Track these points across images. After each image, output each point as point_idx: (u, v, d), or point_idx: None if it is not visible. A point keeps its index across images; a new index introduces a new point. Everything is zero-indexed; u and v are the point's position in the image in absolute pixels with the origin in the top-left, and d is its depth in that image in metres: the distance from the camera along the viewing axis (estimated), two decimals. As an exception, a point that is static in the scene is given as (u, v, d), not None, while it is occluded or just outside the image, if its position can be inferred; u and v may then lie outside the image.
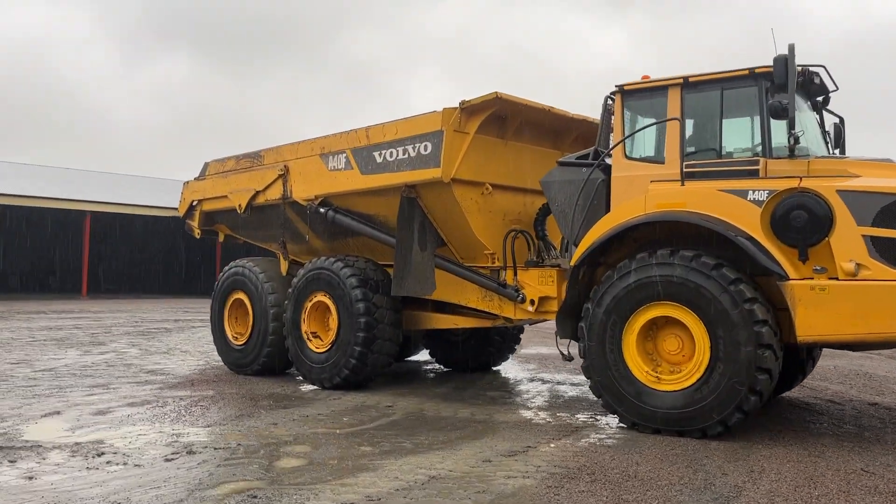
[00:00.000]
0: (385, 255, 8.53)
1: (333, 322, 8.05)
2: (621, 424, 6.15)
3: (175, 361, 10.19)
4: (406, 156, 7.52)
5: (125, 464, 4.82)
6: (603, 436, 5.85)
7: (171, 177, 35.01)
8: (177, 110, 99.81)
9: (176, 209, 10.97)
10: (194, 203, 10.31)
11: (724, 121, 6.32)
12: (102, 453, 5.06)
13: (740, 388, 5.49)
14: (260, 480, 4.47)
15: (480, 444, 5.50)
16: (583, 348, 6.29)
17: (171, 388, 7.91)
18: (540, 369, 10.05)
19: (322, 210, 8.50)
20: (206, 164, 10.34)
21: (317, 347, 8.20)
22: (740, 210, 5.79)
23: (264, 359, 8.82)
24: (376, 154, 7.83)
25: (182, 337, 13.75)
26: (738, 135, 6.46)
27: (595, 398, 6.45)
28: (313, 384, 8.17)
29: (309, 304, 8.30)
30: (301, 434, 5.77)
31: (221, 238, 10.53)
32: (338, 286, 7.97)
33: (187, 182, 10.52)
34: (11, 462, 4.83)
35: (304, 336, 8.31)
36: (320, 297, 8.20)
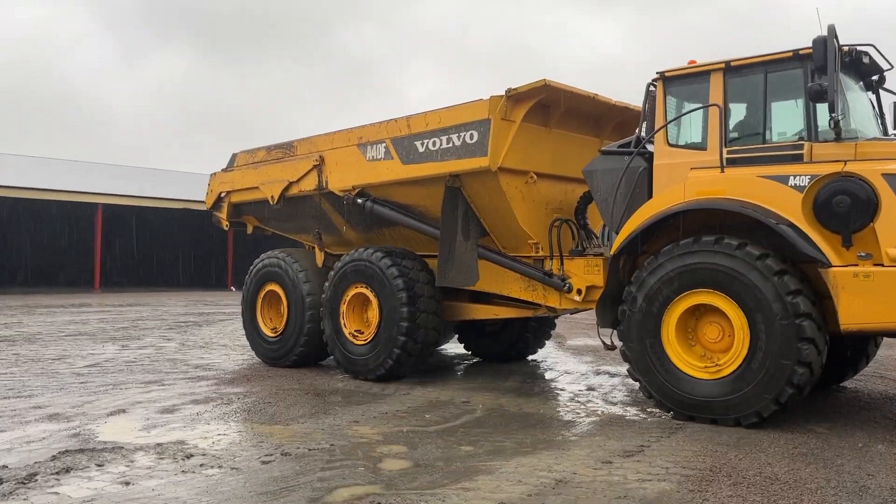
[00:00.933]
0: (421, 245, 9.32)
1: (374, 314, 8.84)
2: (671, 416, 6.84)
3: (218, 356, 10.98)
4: (450, 145, 8.20)
5: (220, 467, 5.00)
6: (710, 433, 6.13)
7: (176, 168, 36.57)
8: (174, 104, 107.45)
9: (188, 201, 12.03)
10: (222, 195, 11.18)
11: (768, 105, 6.92)
12: (191, 455, 5.29)
13: (786, 363, 6.09)
14: (373, 485, 4.64)
15: (588, 444, 5.76)
16: (622, 337, 6.98)
17: (227, 385, 8.48)
18: (599, 362, 10.68)
19: (360, 201, 9.28)
20: (234, 156, 11.19)
21: (358, 340, 9.00)
22: (781, 196, 6.39)
23: (301, 349, 9.67)
24: (418, 143, 8.54)
25: (214, 331, 14.73)
26: (783, 119, 7.05)
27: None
28: (356, 377, 8.97)
29: (348, 297, 9.11)
30: (389, 433, 6.05)
31: (250, 230, 11.40)
32: (378, 277, 8.75)
33: (214, 173, 11.40)
34: (100, 466, 5.05)
35: (344, 329, 9.13)
36: (360, 289, 8.99)
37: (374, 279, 8.82)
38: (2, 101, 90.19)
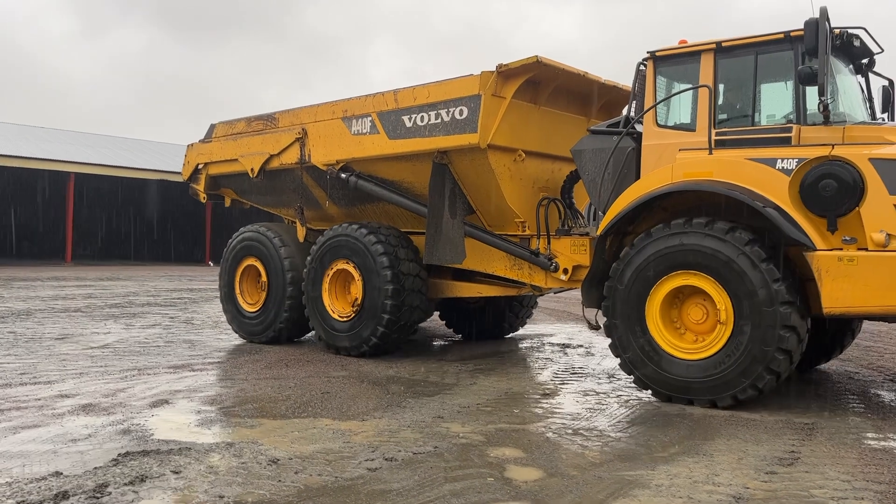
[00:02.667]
0: (405, 222, 9.38)
1: (358, 290, 8.88)
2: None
3: (234, 336, 10.44)
4: (439, 120, 8.24)
5: (319, 475, 4.46)
6: (854, 434, 5.76)
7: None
8: (135, 77, 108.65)
9: (165, 172, 11.92)
10: (200, 166, 11.13)
11: (758, 87, 7.01)
12: (276, 460, 4.71)
13: (767, 349, 6.24)
14: (521, 502, 4.15)
15: (729, 448, 5.29)
16: (608, 324, 7.09)
17: (266, 370, 8.00)
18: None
19: (344, 176, 9.29)
20: (213, 126, 11.11)
21: (340, 316, 9.05)
22: (768, 179, 6.50)
23: (282, 324, 9.71)
24: (405, 118, 8.55)
25: (215, 308, 14.26)
26: (773, 102, 7.16)
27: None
28: (338, 353, 9.04)
29: (331, 273, 9.14)
30: (488, 432, 5.55)
31: (228, 203, 11.38)
32: (362, 254, 8.79)
33: (192, 144, 11.32)
34: (177, 473, 4.45)
35: (327, 305, 9.16)
36: (343, 266, 9.03)
37: (358, 255, 8.85)
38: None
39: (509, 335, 11.14)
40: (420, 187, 8.74)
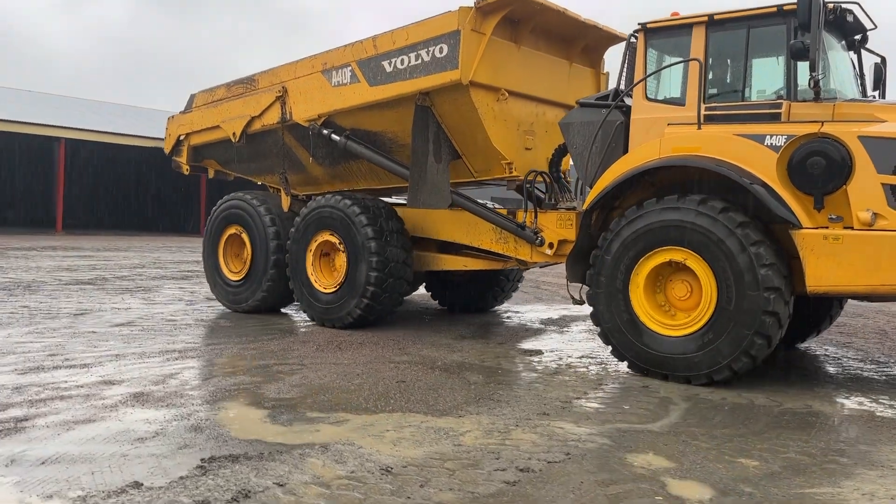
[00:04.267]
0: (391, 178, 9.33)
1: (341, 262, 8.83)
2: (629, 371, 6.97)
3: (270, 315, 9.86)
4: (419, 61, 8.14)
5: (451, 489, 3.90)
6: None
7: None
8: (116, 46, 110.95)
9: (159, 139, 11.69)
10: (181, 137, 11.02)
11: (749, 62, 6.91)
12: (388, 469, 4.16)
13: (746, 332, 6.24)
14: None
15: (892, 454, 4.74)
16: (591, 293, 7.06)
17: (321, 353, 7.45)
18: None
19: (326, 132, 9.17)
20: (193, 97, 10.99)
21: (324, 288, 8.99)
22: (756, 155, 6.44)
23: (263, 293, 9.67)
24: (385, 63, 8.45)
25: None
26: (764, 77, 7.06)
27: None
28: (322, 325, 8.99)
29: (314, 244, 9.07)
30: (611, 434, 4.98)
31: (211, 174, 11.27)
32: (346, 225, 8.71)
33: (172, 116, 11.23)
34: (282, 485, 3.87)
35: (311, 276, 9.10)
36: (327, 237, 8.96)
37: (341, 227, 8.78)
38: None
39: (493, 308, 11.12)
40: (404, 137, 8.64)
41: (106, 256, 19.21)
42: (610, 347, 7.05)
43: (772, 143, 6.43)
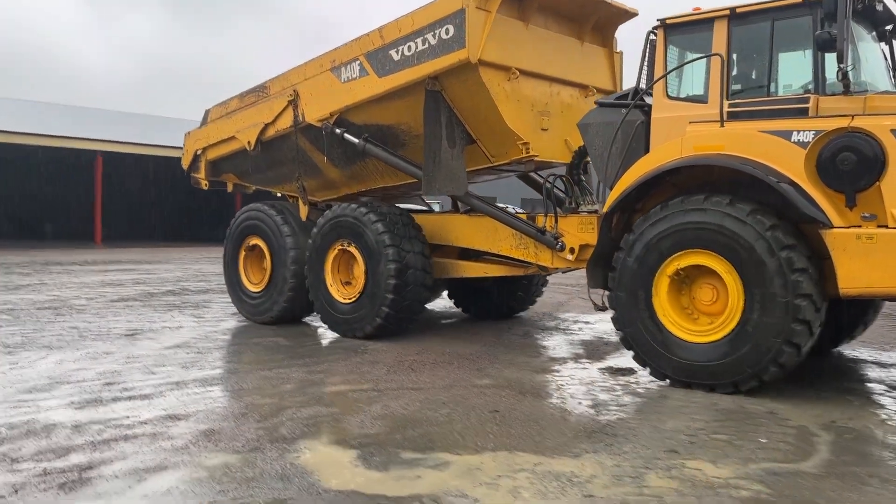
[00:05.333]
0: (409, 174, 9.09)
1: (360, 270, 8.66)
2: (652, 378, 6.67)
3: (329, 333, 9.18)
4: (426, 45, 7.97)
5: None
6: None
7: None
8: (147, 61, 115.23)
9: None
10: (198, 152, 10.99)
11: (774, 55, 6.59)
12: None
13: (775, 340, 5.92)
14: None
15: None
16: (613, 296, 6.78)
17: (395, 375, 6.88)
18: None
19: (338, 131, 9.02)
20: (207, 112, 11.00)
21: (344, 298, 8.83)
22: (783, 152, 6.11)
23: (285, 304, 9.53)
24: (393, 52, 8.29)
25: None
26: (790, 71, 6.73)
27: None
28: (343, 335, 8.81)
29: (332, 253, 8.92)
30: (762, 478, 4.31)
31: (230, 188, 11.20)
32: (363, 233, 8.54)
33: (189, 132, 11.23)
34: None
35: (329, 286, 8.95)
36: (345, 246, 8.80)
37: (359, 235, 8.61)
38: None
39: (517, 314, 10.86)
40: (418, 127, 8.43)
41: (147, 269, 19.09)
42: (633, 353, 6.76)
43: (799, 140, 6.11)
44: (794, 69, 6.70)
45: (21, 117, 30.28)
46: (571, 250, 7.84)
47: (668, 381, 6.48)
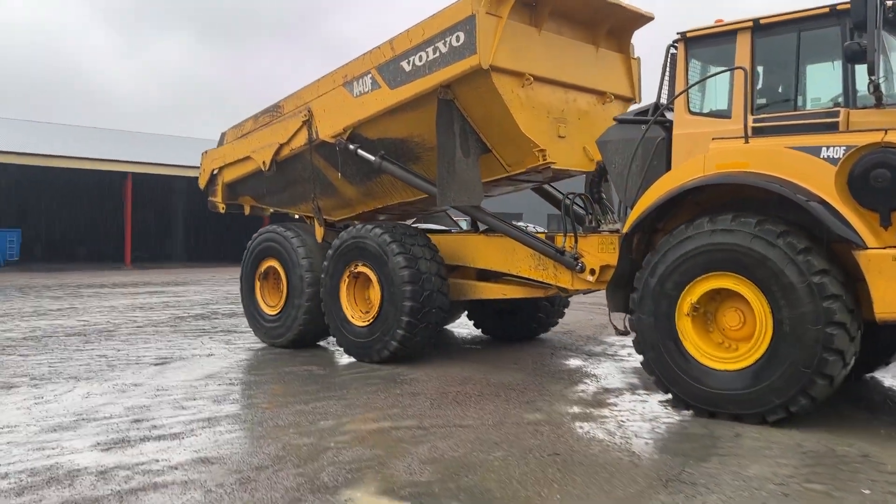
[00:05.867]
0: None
1: (375, 293, 8.45)
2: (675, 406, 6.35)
3: (363, 364, 8.58)
4: (437, 54, 7.81)
5: None
6: None
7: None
8: (176, 85, 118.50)
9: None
10: (215, 172, 10.90)
11: (801, 68, 6.30)
12: None
13: (805, 371, 5.57)
14: None
15: None
16: (634, 322, 6.48)
17: (440, 410, 6.38)
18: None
19: (352, 146, 8.88)
20: (223, 134, 10.96)
21: (359, 321, 8.63)
22: (811, 169, 5.80)
23: (301, 327, 9.34)
24: (404, 63, 8.14)
25: None
26: (818, 84, 6.43)
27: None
28: (360, 360, 8.58)
29: (347, 275, 8.73)
30: None
31: (247, 210, 11.06)
32: (378, 254, 8.35)
33: (206, 151, 11.17)
34: None
35: (345, 309, 8.76)
36: (360, 268, 8.61)
37: (374, 257, 8.42)
38: (15, 83, 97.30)
39: (538, 336, 10.57)
40: (431, 139, 8.25)
41: (176, 292, 18.97)
42: (654, 378, 6.45)
43: (829, 156, 5.79)
44: (822, 82, 6.41)
45: (51, 140, 30.71)
46: (592, 271, 7.56)
47: (690, 409, 6.16)
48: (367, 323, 8.52)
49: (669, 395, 6.39)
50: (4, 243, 28.33)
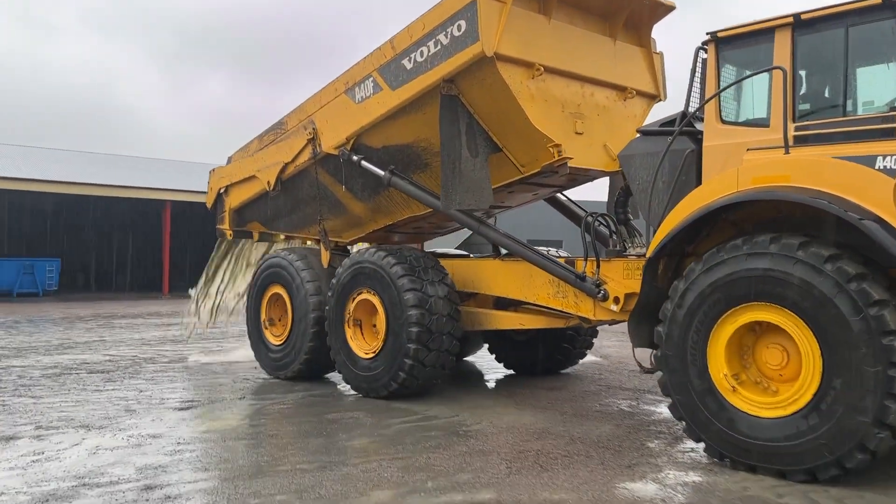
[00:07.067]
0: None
1: (381, 322, 7.80)
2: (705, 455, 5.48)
3: (423, 408, 7.55)
4: (439, 47, 7.25)
5: None
6: None
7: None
8: (215, 121, 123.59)
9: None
10: (222, 192, 10.44)
11: (850, 68, 5.48)
12: None
13: (863, 421, 4.70)
14: None
15: None
16: (660, 358, 5.67)
17: (521, 477, 5.19)
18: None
19: (356, 158, 8.34)
20: (230, 158, 10.56)
21: (365, 353, 7.99)
22: (864, 182, 4.97)
23: (306, 356, 8.72)
24: (405, 61, 7.60)
25: None
26: (870, 85, 5.60)
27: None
28: (367, 395, 7.90)
29: (353, 304, 8.10)
30: None
31: (256, 238, 10.54)
32: (382, 279, 7.71)
33: (213, 169, 10.73)
34: None
35: (350, 339, 8.12)
36: (365, 295, 7.97)
37: (378, 283, 7.76)
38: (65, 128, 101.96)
39: (564, 370, 9.73)
40: (438, 143, 7.60)
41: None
42: (683, 424, 5.60)
43: (885, 167, 4.97)
44: (875, 83, 5.57)
45: (90, 169, 30.80)
46: (616, 300, 6.75)
47: (726, 460, 5.29)
48: (373, 354, 7.85)
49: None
50: (44, 273, 28.40)
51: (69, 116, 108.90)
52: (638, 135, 6.78)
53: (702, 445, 5.51)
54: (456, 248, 10.84)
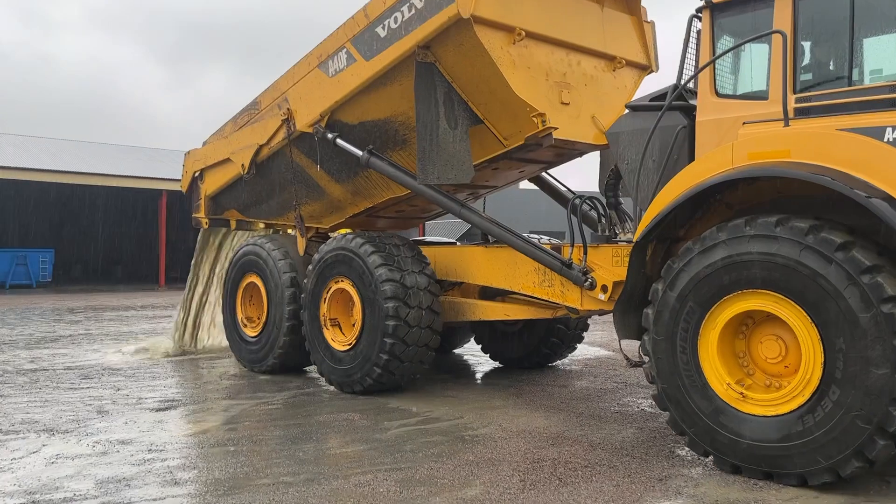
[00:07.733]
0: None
1: (357, 312, 7.38)
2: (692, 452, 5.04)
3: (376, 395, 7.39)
4: (413, 11, 6.85)
5: None
6: None
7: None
8: (216, 112, 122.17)
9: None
10: (196, 175, 10.02)
11: (856, 33, 5.00)
12: None
13: (864, 427, 4.26)
14: None
15: None
16: (647, 344, 5.22)
17: (539, 494, 4.56)
18: None
19: (330, 136, 7.91)
20: (205, 143, 10.14)
21: (339, 344, 7.58)
22: (872, 156, 4.51)
23: (281, 350, 8.33)
24: (379, 29, 7.19)
25: None
26: (878, 52, 5.12)
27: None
28: (342, 389, 7.50)
29: (328, 293, 7.68)
30: None
31: (233, 226, 10.09)
32: (359, 268, 7.28)
33: (189, 152, 10.30)
34: None
35: (325, 331, 7.72)
36: (341, 284, 7.55)
37: (355, 270, 7.34)
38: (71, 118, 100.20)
39: (553, 363, 9.28)
40: (415, 118, 7.21)
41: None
42: (668, 416, 5.17)
43: (895, 139, 4.48)
44: (883, 50, 5.10)
45: (85, 158, 30.33)
46: (604, 288, 6.30)
47: (710, 457, 4.85)
48: (349, 346, 7.42)
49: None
50: (37, 264, 27.92)
51: (74, 109, 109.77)
52: (627, 111, 6.31)
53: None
54: (456, 241, 10.42)
